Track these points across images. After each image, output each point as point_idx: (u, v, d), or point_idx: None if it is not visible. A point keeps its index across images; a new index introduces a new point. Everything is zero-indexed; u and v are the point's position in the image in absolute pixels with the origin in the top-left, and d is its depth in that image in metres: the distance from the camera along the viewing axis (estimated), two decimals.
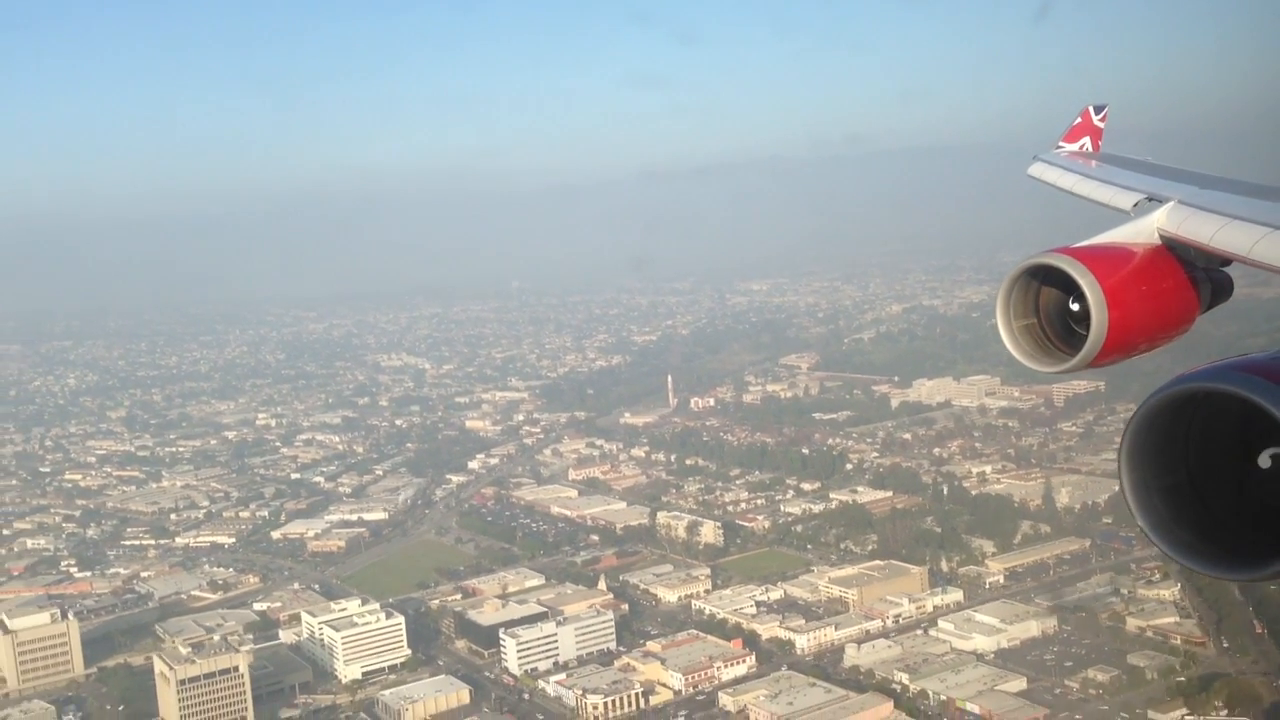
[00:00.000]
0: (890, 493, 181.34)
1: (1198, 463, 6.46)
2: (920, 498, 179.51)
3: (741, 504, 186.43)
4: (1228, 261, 9.95)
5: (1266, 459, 6.23)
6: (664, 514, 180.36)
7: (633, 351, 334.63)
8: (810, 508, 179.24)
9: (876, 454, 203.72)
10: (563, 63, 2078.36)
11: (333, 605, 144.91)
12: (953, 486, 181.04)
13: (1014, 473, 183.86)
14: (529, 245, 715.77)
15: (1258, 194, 10.37)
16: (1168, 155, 14.28)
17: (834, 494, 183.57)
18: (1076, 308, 9.50)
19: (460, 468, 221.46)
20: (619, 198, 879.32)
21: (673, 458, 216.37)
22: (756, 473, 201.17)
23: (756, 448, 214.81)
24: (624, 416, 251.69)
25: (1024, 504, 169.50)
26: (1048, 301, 9.94)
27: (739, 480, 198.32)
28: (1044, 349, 10.01)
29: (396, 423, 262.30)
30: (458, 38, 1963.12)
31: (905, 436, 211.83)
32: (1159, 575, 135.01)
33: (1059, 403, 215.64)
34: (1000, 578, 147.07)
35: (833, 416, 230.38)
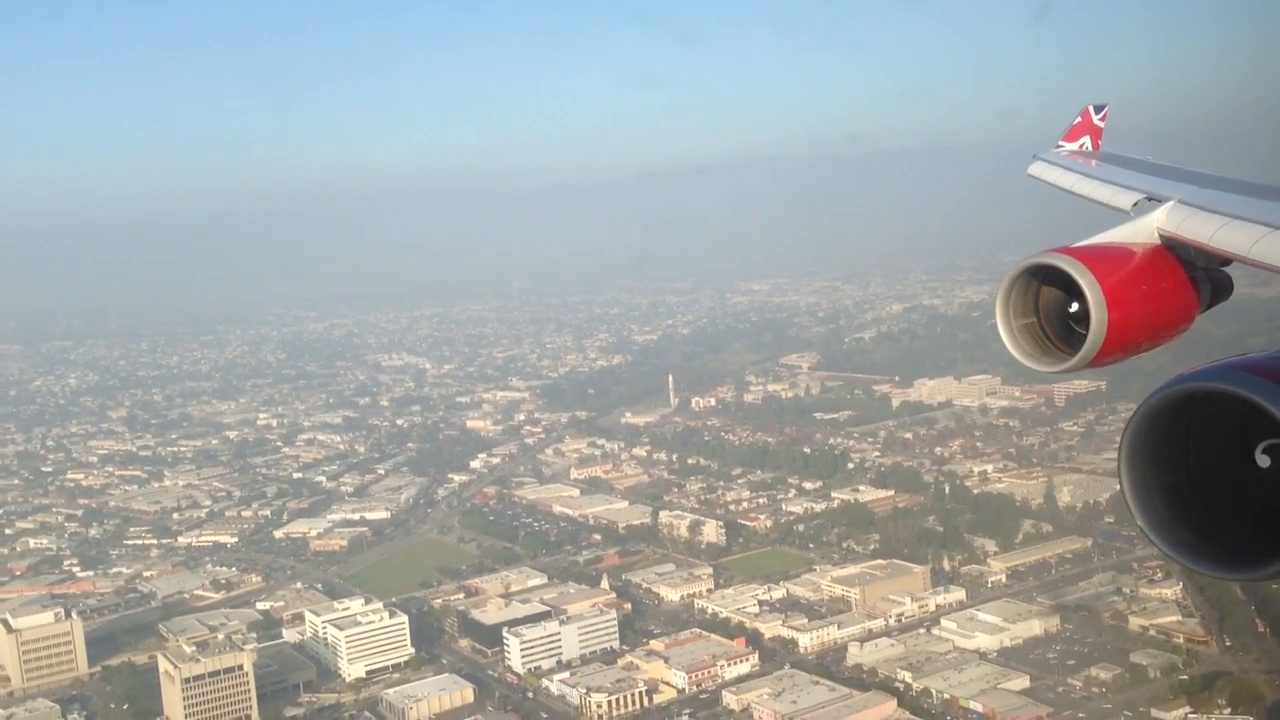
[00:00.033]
0: (892, 492, 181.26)
1: (1198, 462, 6.47)
2: (922, 497, 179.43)
3: (743, 503, 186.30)
4: (1227, 261, 9.96)
5: (1266, 459, 6.24)
6: (666, 513, 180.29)
7: (633, 351, 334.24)
8: (812, 507, 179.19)
9: (878, 453, 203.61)
10: (563, 63, 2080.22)
11: (336, 604, 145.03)
12: (954, 486, 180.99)
13: (1015, 472, 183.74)
14: (529, 245, 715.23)
15: (1258, 194, 10.39)
16: (1168, 155, 14.30)
17: (836, 493, 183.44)
18: (1076, 307, 9.50)
19: (462, 467, 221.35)
20: (619, 198, 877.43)
21: (674, 457, 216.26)
22: (758, 472, 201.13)
23: (758, 447, 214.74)
24: (625, 416, 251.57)
25: (1025, 503, 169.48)
26: (1048, 301, 9.94)
27: (741, 479, 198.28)
28: (1044, 349, 10.01)
29: (398, 422, 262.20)
30: (458, 38, 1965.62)
31: (906, 436, 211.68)
32: (1161, 574, 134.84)
33: (1060, 402, 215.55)
34: (1002, 577, 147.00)
35: (834, 416, 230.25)
